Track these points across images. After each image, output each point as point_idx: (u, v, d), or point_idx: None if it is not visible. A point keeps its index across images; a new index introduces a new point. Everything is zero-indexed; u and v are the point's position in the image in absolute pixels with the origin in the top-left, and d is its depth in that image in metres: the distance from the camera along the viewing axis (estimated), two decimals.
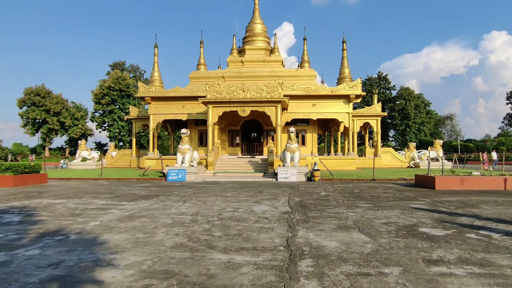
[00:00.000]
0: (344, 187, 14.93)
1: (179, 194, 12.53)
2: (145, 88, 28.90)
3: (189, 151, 20.40)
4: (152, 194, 12.54)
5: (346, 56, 30.85)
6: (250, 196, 11.84)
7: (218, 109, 25.36)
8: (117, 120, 62.64)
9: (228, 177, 20.33)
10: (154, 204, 10.05)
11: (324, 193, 12.75)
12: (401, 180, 18.55)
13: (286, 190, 13.96)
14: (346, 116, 28.54)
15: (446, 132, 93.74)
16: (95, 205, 9.90)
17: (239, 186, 15.48)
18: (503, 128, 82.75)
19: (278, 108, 24.94)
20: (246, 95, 25.03)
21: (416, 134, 74.55)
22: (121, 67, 73.82)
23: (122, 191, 13.69)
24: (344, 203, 10.15)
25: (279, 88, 25.16)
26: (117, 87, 61.78)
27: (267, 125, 30.84)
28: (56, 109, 61.01)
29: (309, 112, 28.52)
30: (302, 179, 18.68)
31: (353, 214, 8.35)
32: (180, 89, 28.89)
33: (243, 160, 26.22)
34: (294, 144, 19.65)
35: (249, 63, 33.47)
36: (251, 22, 36.40)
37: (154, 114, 29.32)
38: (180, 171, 19.18)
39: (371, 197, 11.63)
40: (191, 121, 30.98)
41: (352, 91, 27.97)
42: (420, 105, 76.12)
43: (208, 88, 25.66)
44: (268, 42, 36.36)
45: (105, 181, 18.46)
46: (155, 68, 30.91)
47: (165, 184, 16.81)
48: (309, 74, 32.12)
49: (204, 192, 13.32)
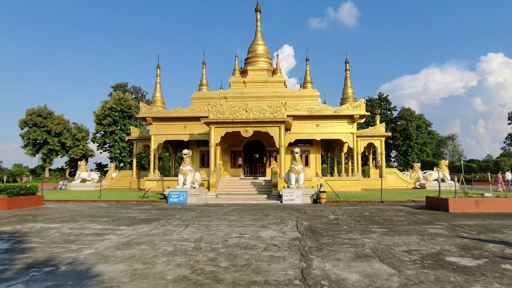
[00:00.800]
0: (352, 210, 14.28)
1: (180, 218, 11.91)
2: (147, 109, 28.60)
3: (191, 172, 19.84)
4: (152, 218, 11.92)
5: (349, 76, 30.69)
6: (255, 220, 11.21)
7: (220, 129, 24.94)
8: (118, 141, 62.26)
9: (231, 199, 19.69)
10: (154, 229, 9.43)
11: (333, 217, 12.11)
12: (411, 202, 17.88)
13: (292, 213, 13.32)
14: (350, 137, 28.07)
15: (448, 153, 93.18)
16: (91, 230, 9.29)
17: (243, 209, 14.84)
18: (505, 148, 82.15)
19: (281, 128, 24.51)
20: (249, 116, 24.66)
21: (418, 155, 73.93)
22: (123, 89, 74.04)
23: (121, 214, 13.06)
24: (357, 228, 9.52)
25: (283, 108, 24.81)
26: (118, 108, 61.67)
27: (270, 146, 30.37)
28: (57, 129, 60.71)
29: (313, 133, 28.07)
30: (308, 201, 18.02)
31: (369, 240, 7.73)
32: (182, 109, 28.58)
33: (246, 181, 25.59)
34: (299, 165, 19.10)
35: (252, 83, 33.31)
36: (253, 43, 36.51)
37: (155, 135, 28.90)
38: (182, 193, 18.56)
39: (384, 220, 11.00)
40: (193, 141, 30.53)
41: (356, 111, 27.61)
42: (422, 125, 75.88)
43: (210, 108, 25.32)
44: (270, 63, 36.35)
45: (103, 204, 17.83)
46: (157, 88, 30.72)
47: (166, 207, 16.18)
48: (312, 95, 31.87)
49: (206, 215, 12.69)
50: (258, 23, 36.95)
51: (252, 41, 36.83)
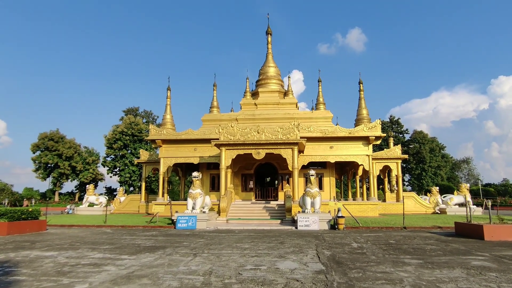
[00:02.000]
0: (375, 237, 13.11)
1: (188, 246, 10.91)
2: (156, 131, 28.06)
3: (200, 196, 18.90)
4: (158, 245, 10.95)
5: (364, 96, 29.91)
6: (271, 249, 10.17)
7: (231, 151, 24.14)
8: (128, 165, 61.92)
9: (242, 225, 18.61)
10: (159, 259, 8.47)
11: (356, 245, 10.99)
12: (436, 228, 16.58)
13: (310, 240, 12.22)
14: (366, 159, 26.96)
15: (463, 176, 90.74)
16: (89, 260, 8.36)
17: (256, 236, 13.77)
18: None
19: (294, 150, 23.61)
20: (261, 137, 23.87)
21: (432, 178, 71.91)
22: (134, 113, 74.47)
23: (125, 241, 12.12)
24: (387, 258, 8.42)
25: (295, 129, 24.00)
26: (129, 132, 61.68)
27: (282, 169, 29.37)
28: (68, 153, 60.73)
29: (327, 155, 27.06)
30: (325, 227, 16.85)
31: (405, 274, 6.65)
32: (192, 131, 27.97)
33: (258, 206, 24.50)
34: (314, 188, 18.02)
35: (263, 105, 32.75)
36: (264, 65, 36.22)
37: (164, 158, 28.21)
38: (191, 218, 17.58)
39: (414, 250, 9.85)
40: (203, 164, 29.73)
41: (371, 132, 26.62)
42: (435, 148, 74.21)
43: (221, 130, 24.63)
44: (282, 85, 35.89)
45: (108, 229, 16.92)
46: (167, 110, 30.30)
47: (174, 233, 15.19)
48: (325, 116, 31.06)
49: (217, 242, 11.67)
50: (269, 45, 36.80)
51: (263, 63, 36.57)
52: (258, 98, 33.58)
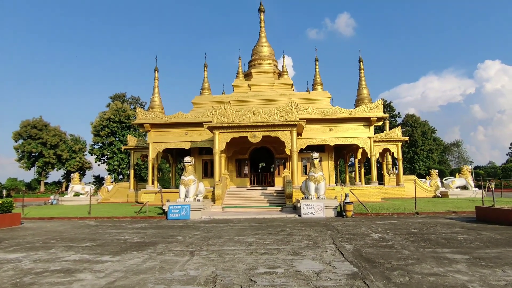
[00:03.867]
0: (392, 225, 11.74)
1: (183, 241, 9.38)
2: (144, 114, 26.21)
3: (194, 183, 17.30)
4: (148, 241, 9.40)
5: (364, 76, 28.37)
6: (280, 243, 8.70)
7: (225, 135, 22.51)
8: (117, 153, 59.82)
9: (240, 213, 17.14)
10: (149, 260, 6.92)
11: (376, 235, 9.59)
12: (451, 213, 15.32)
13: (321, 231, 10.78)
14: (367, 141, 25.62)
15: (453, 159, 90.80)
16: (61, 264, 6.77)
17: (258, 226, 12.31)
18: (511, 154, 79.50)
19: (293, 132, 22.10)
20: (257, 119, 22.26)
21: (424, 162, 71.48)
22: (121, 99, 71.86)
23: (110, 236, 10.53)
24: (423, 254, 7.01)
25: (294, 110, 22.44)
26: (117, 119, 59.44)
27: (279, 153, 27.88)
28: (53, 141, 58.28)
29: (326, 138, 25.62)
30: (331, 214, 15.47)
31: (463, 276, 5.23)
32: (182, 114, 26.19)
33: (254, 192, 23.05)
34: (318, 173, 16.55)
35: (257, 87, 31.00)
36: (257, 45, 34.32)
37: (153, 143, 26.43)
38: (184, 207, 16.02)
39: (447, 241, 8.47)
40: (195, 150, 28.06)
41: (373, 113, 25.22)
42: (427, 131, 73.66)
43: (214, 112, 22.93)
44: (276, 65, 34.11)
45: (93, 221, 15.28)
46: (155, 92, 28.35)
47: (165, 224, 13.63)
48: (323, 97, 29.50)
49: (216, 236, 10.16)
50: (262, 24, 34.84)
51: (256, 42, 34.64)
52: (251, 79, 31.81)
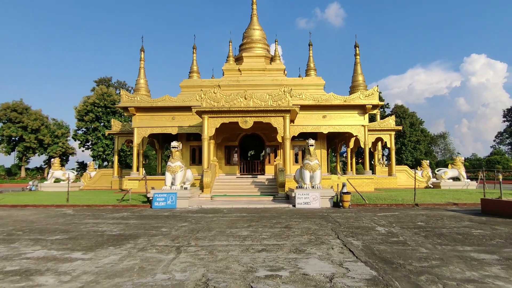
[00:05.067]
0: (395, 218, 10.92)
1: (169, 233, 8.35)
2: (129, 97, 24.80)
3: (181, 169, 16.21)
4: (128, 234, 8.34)
5: (360, 62, 27.43)
6: (278, 237, 7.74)
7: (215, 120, 21.37)
8: (102, 138, 58.02)
9: (229, 203, 16.16)
10: (127, 258, 5.88)
11: (382, 229, 8.72)
12: (451, 205, 14.62)
13: (321, 223, 9.87)
14: (361, 130, 24.79)
15: (439, 151, 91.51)
16: (21, 263, 5.68)
17: (250, 217, 11.35)
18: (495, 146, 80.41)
19: (286, 118, 21.09)
20: (249, 104, 21.16)
21: (412, 153, 71.65)
22: (107, 83, 69.61)
23: (86, 227, 9.42)
24: (444, 252, 6.14)
25: (287, 95, 21.40)
26: (102, 104, 57.49)
27: (270, 140, 26.90)
28: (34, 126, 56.10)
29: (319, 125, 24.69)
30: (327, 204, 14.62)
31: (507, 284, 4.35)
32: (169, 98, 24.86)
33: (244, 180, 22.09)
34: (314, 161, 15.65)
35: (248, 71, 29.79)
36: (248, 28, 32.99)
37: (139, 128, 25.09)
38: (170, 195, 14.95)
39: (463, 237, 7.64)
40: (182, 135, 26.85)
41: (368, 100, 24.35)
42: (415, 123, 73.75)
43: (203, 95, 21.73)
44: (268, 50, 32.89)
45: (70, 209, 14.10)
46: (141, 74, 26.91)
47: (150, 214, 12.56)
48: (317, 83, 28.50)
49: (205, 228, 9.16)
50: (253, 6, 33.48)
51: (248, 25, 33.30)
52: (242, 63, 30.55)
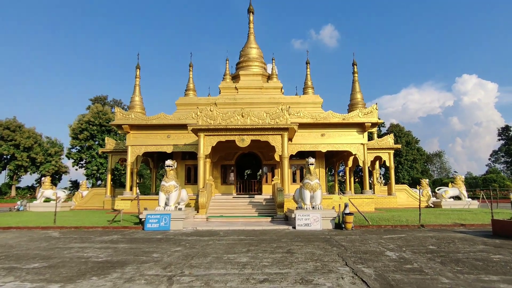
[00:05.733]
0: (403, 241, 10.23)
1: (161, 260, 7.61)
2: (123, 115, 24.23)
3: (175, 189, 15.49)
4: (116, 260, 7.58)
5: (358, 80, 27.18)
6: (280, 264, 7.03)
7: (211, 138, 20.80)
8: (96, 157, 57.11)
9: (226, 224, 15.40)
10: None
11: (392, 254, 8.03)
12: (458, 226, 13.96)
13: (325, 247, 9.16)
14: (360, 148, 24.27)
15: (435, 170, 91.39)
16: None
17: (249, 240, 10.61)
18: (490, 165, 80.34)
19: (284, 136, 20.58)
20: (246, 121, 20.66)
21: (408, 172, 71.37)
22: (102, 102, 69.25)
23: (70, 252, 8.64)
24: (467, 282, 5.48)
25: (286, 113, 20.95)
26: (97, 122, 56.90)
27: (267, 159, 26.31)
28: (27, 144, 55.14)
29: (317, 144, 24.13)
30: (329, 226, 13.90)
31: None
32: (165, 115, 24.33)
33: (241, 201, 21.33)
34: (314, 180, 15.01)
35: (244, 89, 29.45)
36: (245, 46, 32.89)
37: (133, 146, 24.41)
38: (163, 216, 14.18)
39: (485, 263, 6.98)
40: (177, 154, 26.20)
41: (367, 118, 23.94)
42: (411, 141, 73.77)
43: (199, 113, 21.22)
44: (265, 68, 32.70)
45: (57, 232, 13.26)
46: (136, 91, 26.42)
47: (141, 237, 11.77)
48: (314, 101, 28.16)
49: (200, 253, 8.42)
50: (250, 25, 33.50)
51: (245, 44, 33.21)
52: (239, 81, 30.26)
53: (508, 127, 67.98)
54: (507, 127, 68.17)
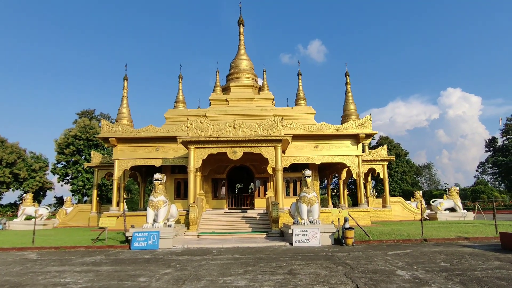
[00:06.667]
0: (410, 257, 9.52)
1: (148, 287, 6.74)
2: (110, 127, 23.33)
3: (164, 204, 14.58)
4: (97, 287, 6.69)
5: (351, 90, 26.79)
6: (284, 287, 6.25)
7: (202, 150, 20.01)
8: (82, 172, 55.51)
9: (219, 241, 14.51)
10: None
11: (405, 274, 7.30)
12: (463, 239, 13.35)
13: (330, 267, 8.39)
14: (355, 160, 23.75)
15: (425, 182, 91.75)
16: None
17: (244, 259, 9.78)
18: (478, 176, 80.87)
19: (278, 148, 19.91)
20: (238, 133, 19.96)
21: (398, 184, 71.32)
22: (89, 116, 67.86)
23: (45, 278, 7.69)
24: None
25: (279, 124, 20.33)
26: (83, 136, 55.46)
27: (260, 172, 25.57)
28: (9, 159, 53.33)
29: (311, 156, 23.54)
30: (328, 242, 13.14)
31: None
32: (153, 128, 23.49)
33: (234, 216, 20.44)
34: (311, 193, 14.27)
35: (235, 101, 28.85)
36: (236, 58, 32.47)
37: (120, 159, 23.42)
38: (151, 234, 13.23)
39: (509, 282, 6.31)
40: (166, 168, 25.28)
41: (361, 129, 23.49)
42: (401, 153, 74.02)
43: (189, 125, 20.46)
44: (256, 80, 32.25)
45: (34, 253, 12.19)
46: (124, 103, 25.57)
47: (127, 257, 10.83)
48: (307, 112, 27.69)
49: (193, 276, 7.57)
50: (241, 36, 33.19)
51: (235, 56, 32.81)
52: (229, 93, 29.68)
53: (495, 138, 68.48)
54: (494, 138, 68.67)
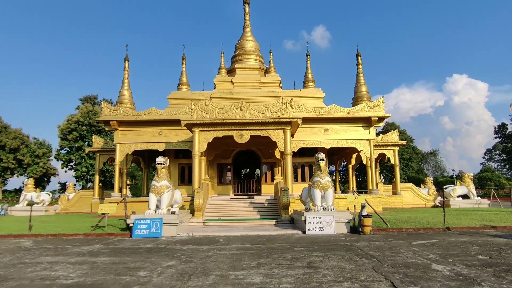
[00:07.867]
0: (438, 247, 8.60)
1: (149, 282, 5.86)
2: (111, 110, 22.35)
3: (168, 190, 13.69)
4: (89, 283, 5.83)
5: (362, 71, 25.53)
6: (306, 285, 5.34)
7: (207, 133, 19.02)
8: (86, 158, 54.96)
9: (226, 229, 13.67)
10: None
11: (442, 268, 6.37)
12: (489, 228, 12.39)
13: (351, 258, 7.48)
14: (366, 144, 22.72)
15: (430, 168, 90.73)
16: None
17: (256, 249, 8.90)
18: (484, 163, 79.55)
19: (287, 131, 18.87)
20: (245, 115, 18.94)
21: (404, 170, 70.27)
22: (92, 101, 66.95)
23: (34, 271, 6.85)
24: None
25: (288, 106, 19.25)
26: (86, 122, 54.73)
27: (267, 157, 24.63)
28: (13, 145, 52.82)
29: (321, 140, 22.52)
30: (343, 230, 12.25)
31: None
32: (156, 111, 22.49)
33: (240, 202, 19.59)
34: (325, 178, 13.32)
35: (241, 84, 27.72)
36: (241, 39, 31.17)
37: (121, 144, 22.53)
38: (154, 221, 12.39)
39: None
40: (170, 152, 24.39)
41: (373, 112, 22.39)
42: (407, 140, 72.84)
43: (193, 106, 19.45)
44: (262, 61, 31.00)
45: (30, 240, 11.41)
46: (125, 85, 24.51)
47: (128, 246, 10.00)
48: (316, 95, 26.56)
49: (200, 269, 6.69)
50: (246, 16, 31.80)
51: (240, 37, 31.51)
52: (235, 75, 28.54)
53: (504, 124, 66.76)
54: (504, 125, 66.99)
